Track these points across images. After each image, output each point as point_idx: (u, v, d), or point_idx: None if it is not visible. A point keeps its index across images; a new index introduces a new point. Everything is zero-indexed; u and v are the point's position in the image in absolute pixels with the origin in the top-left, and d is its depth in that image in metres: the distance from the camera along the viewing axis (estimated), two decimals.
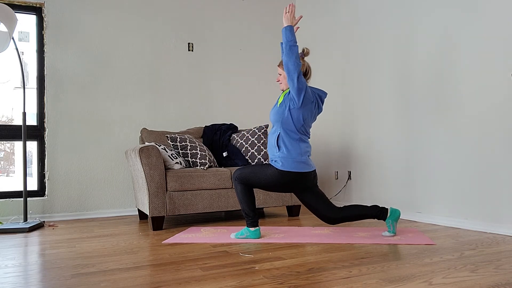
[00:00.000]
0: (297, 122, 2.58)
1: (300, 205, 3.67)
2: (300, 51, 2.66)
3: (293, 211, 3.68)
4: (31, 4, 3.86)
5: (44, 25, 3.89)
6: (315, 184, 2.71)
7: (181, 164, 3.34)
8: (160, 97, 4.30)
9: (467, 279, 1.70)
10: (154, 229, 3.10)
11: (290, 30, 2.54)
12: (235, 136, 3.87)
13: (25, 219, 3.40)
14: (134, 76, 4.21)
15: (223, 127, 4.03)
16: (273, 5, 4.93)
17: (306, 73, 2.70)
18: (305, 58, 2.75)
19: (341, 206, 2.65)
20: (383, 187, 3.68)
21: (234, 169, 3.46)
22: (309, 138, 2.71)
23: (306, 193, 2.67)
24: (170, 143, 3.52)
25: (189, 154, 3.45)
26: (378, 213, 2.60)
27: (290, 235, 2.73)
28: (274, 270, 1.90)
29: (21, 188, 3.74)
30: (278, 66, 2.78)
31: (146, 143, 3.40)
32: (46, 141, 3.85)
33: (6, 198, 3.69)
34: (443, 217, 3.08)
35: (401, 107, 3.49)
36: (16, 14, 3.45)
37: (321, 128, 4.53)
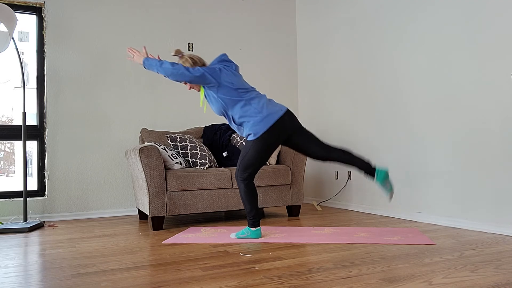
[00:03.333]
0: (231, 93, 2.61)
1: (300, 205, 3.67)
2: (173, 54, 2.76)
3: (293, 211, 3.68)
4: (31, 4, 3.86)
5: (44, 25, 3.89)
6: (300, 126, 2.68)
7: (181, 164, 3.34)
8: (160, 97, 4.30)
9: (467, 279, 1.70)
10: (154, 229, 3.10)
11: (149, 59, 2.68)
12: (235, 136, 3.87)
13: (25, 219, 3.40)
14: (134, 76, 4.21)
15: (223, 127, 4.03)
16: (273, 5, 4.93)
17: (195, 64, 2.71)
18: (186, 55, 2.77)
19: (334, 147, 2.65)
20: None
21: (234, 169, 3.46)
22: (254, 91, 2.69)
23: (295, 137, 2.65)
24: (170, 143, 3.52)
25: (189, 154, 3.45)
26: (367, 169, 2.59)
27: (290, 235, 2.73)
28: (274, 270, 1.90)
29: (21, 188, 3.74)
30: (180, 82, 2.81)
31: (146, 143, 3.40)
32: (46, 141, 3.85)
33: (6, 198, 3.69)
34: (443, 217, 3.08)
35: (401, 107, 3.49)
36: (16, 14, 3.45)
37: (321, 128, 4.53)
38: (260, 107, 2.60)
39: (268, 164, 3.69)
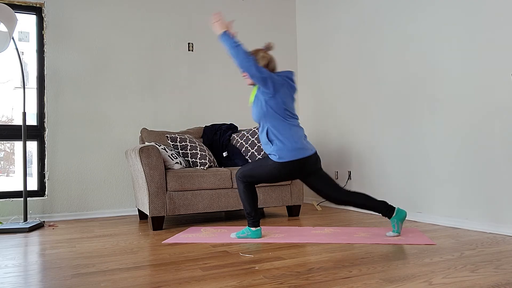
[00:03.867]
0: (279, 110, 2.56)
1: (300, 205, 3.67)
2: (265, 46, 2.68)
3: (293, 211, 3.68)
4: (31, 4, 3.86)
5: (44, 25, 3.89)
6: (319, 168, 2.65)
7: (181, 164, 3.34)
8: (160, 97, 4.30)
9: (467, 279, 1.70)
10: (154, 229, 3.10)
11: (227, 34, 2.56)
12: (235, 136, 3.87)
13: (25, 219, 3.40)
14: (134, 76, 4.21)
15: (223, 127, 4.03)
16: (273, 5, 4.93)
17: (267, 65, 2.66)
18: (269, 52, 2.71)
19: (350, 190, 2.63)
20: (383, 187, 3.68)
21: (234, 169, 3.46)
22: (297, 119, 2.67)
23: (310, 177, 2.63)
24: (170, 143, 3.52)
25: (189, 154, 3.45)
26: (385, 210, 2.57)
27: (290, 235, 2.73)
28: (274, 270, 1.90)
29: (21, 188, 3.75)
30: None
31: (146, 143, 3.40)
32: (46, 141, 3.85)
33: (6, 198, 3.69)
34: (443, 217, 3.08)
35: (401, 107, 3.49)
36: (16, 14, 3.46)
37: (321, 128, 4.53)
38: (298, 137, 2.56)
39: None
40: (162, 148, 3.29)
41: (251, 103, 2.68)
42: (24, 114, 3.51)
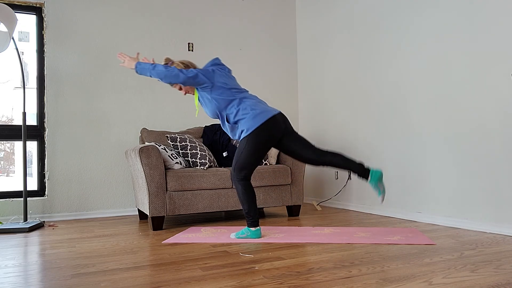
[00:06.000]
0: (225, 93, 2.63)
1: (300, 205, 3.67)
2: (164, 63, 2.77)
3: (293, 211, 3.68)
4: (31, 4, 3.86)
5: (44, 25, 3.89)
6: (293, 130, 2.69)
7: (181, 164, 3.34)
8: (160, 97, 4.30)
9: (467, 279, 1.70)
10: (154, 229, 3.10)
11: (141, 64, 2.69)
12: None
13: (25, 219, 3.40)
14: (134, 76, 4.21)
15: None
16: (273, 5, 4.93)
17: (186, 67, 2.74)
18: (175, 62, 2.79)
19: (327, 151, 2.64)
20: None
21: None
22: (247, 92, 2.72)
23: (286, 140, 2.65)
24: (170, 143, 3.52)
25: (189, 154, 3.45)
26: (361, 171, 2.57)
27: (290, 235, 2.73)
28: (274, 270, 1.90)
29: (21, 188, 3.74)
30: (172, 86, 2.82)
31: (146, 143, 3.40)
32: (46, 141, 3.85)
33: (6, 198, 3.69)
34: (443, 217, 3.08)
35: (401, 107, 3.49)
36: (16, 14, 3.45)
37: (321, 128, 4.53)
38: (254, 105, 2.62)
39: (268, 164, 3.69)
40: (162, 148, 3.29)
41: (198, 112, 2.82)
42: (24, 114, 3.51)
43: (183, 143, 3.48)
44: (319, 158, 2.60)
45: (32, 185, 3.89)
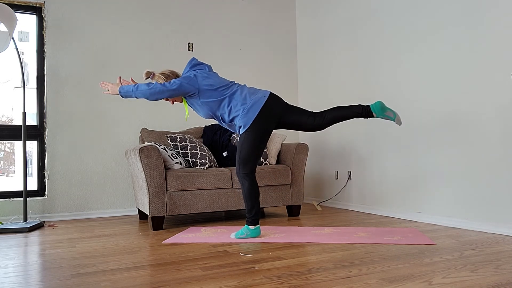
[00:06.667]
0: (214, 95, 2.63)
1: (300, 205, 3.67)
2: (145, 78, 2.79)
3: (293, 211, 3.68)
4: (31, 4, 3.86)
5: (44, 25, 3.89)
6: (286, 106, 2.69)
7: (181, 164, 3.34)
8: None
9: (467, 279, 1.70)
10: (154, 229, 3.10)
11: (123, 87, 2.69)
12: (235, 136, 3.87)
13: (25, 219, 3.40)
14: (134, 76, 4.20)
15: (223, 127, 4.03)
16: (273, 5, 4.93)
17: (168, 78, 2.74)
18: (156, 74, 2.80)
19: (325, 110, 2.66)
20: (383, 187, 3.68)
21: (234, 169, 3.46)
22: (234, 84, 2.72)
23: (286, 115, 2.66)
24: (170, 143, 3.52)
25: (189, 154, 3.45)
26: (363, 111, 2.59)
27: (290, 235, 2.73)
28: (274, 270, 1.90)
29: (21, 188, 3.74)
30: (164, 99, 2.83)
31: (146, 143, 3.40)
32: (46, 141, 3.85)
33: (6, 198, 3.69)
34: (443, 217, 3.08)
35: (401, 107, 3.49)
36: (16, 14, 3.45)
37: None
38: (243, 98, 2.62)
39: (268, 164, 3.69)
40: (162, 148, 3.29)
41: (187, 116, 2.89)
42: (24, 114, 3.51)
43: (183, 143, 3.48)
44: (321, 120, 2.62)
45: (32, 185, 3.89)
